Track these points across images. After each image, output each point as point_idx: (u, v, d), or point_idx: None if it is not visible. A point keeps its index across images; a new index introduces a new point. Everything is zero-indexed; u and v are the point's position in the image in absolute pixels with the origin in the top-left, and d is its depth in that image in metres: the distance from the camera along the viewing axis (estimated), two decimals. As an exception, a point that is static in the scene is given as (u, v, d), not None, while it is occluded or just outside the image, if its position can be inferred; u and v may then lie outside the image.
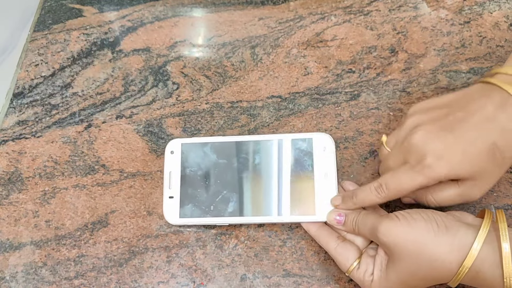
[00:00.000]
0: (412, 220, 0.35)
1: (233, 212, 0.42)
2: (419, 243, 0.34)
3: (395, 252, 0.35)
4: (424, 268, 0.34)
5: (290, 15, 0.59)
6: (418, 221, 0.35)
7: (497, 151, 0.35)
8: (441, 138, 0.36)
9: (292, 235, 0.43)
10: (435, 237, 0.34)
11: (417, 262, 0.34)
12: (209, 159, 0.45)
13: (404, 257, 0.34)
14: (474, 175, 0.36)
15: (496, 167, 0.36)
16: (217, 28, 0.59)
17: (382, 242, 0.35)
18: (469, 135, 0.35)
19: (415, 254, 0.34)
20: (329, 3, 0.59)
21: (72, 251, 0.43)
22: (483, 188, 0.37)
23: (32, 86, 0.56)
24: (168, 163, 0.45)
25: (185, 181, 0.44)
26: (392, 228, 0.35)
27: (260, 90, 0.53)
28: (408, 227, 0.35)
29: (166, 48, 0.58)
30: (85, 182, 0.47)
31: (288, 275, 0.41)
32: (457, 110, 0.37)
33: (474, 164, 0.35)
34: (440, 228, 0.34)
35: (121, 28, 0.61)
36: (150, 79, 0.55)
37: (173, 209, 0.43)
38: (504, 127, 0.35)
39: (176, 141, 0.46)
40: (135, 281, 0.41)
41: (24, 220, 0.45)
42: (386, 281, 0.36)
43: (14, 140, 0.51)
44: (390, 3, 0.58)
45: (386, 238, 0.35)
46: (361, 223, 0.38)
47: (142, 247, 0.43)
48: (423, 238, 0.34)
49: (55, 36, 0.60)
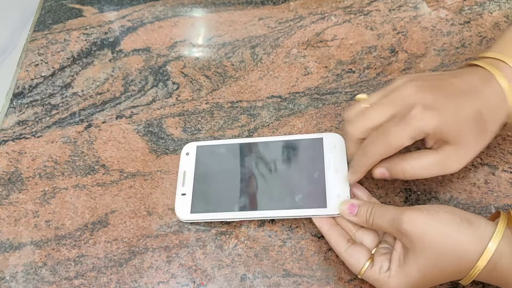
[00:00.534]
0: (435, 212, 0.35)
1: (244, 207, 0.42)
2: (443, 233, 0.34)
3: (419, 243, 0.34)
4: (446, 258, 0.34)
5: (290, 15, 0.59)
6: (441, 213, 0.35)
7: (481, 120, 0.36)
8: (432, 92, 0.36)
9: (292, 235, 0.43)
10: (458, 228, 0.34)
11: (440, 252, 0.34)
12: (222, 160, 0.46)
13: (427, 247, 0.34)
14: (457, 140, 0.36)
15: (478, 136, 0.37)
16: (217, 28, 0.59)
17: (406, 233, 0.35)
18: (458, 98, 0.36)
19: (438, 244, 0.34)
20: (329, 3, 0.59)
21: (72, 251, 0.43)
22: (462, 159, 0.37)
23: (32, 86, 0.56)
24: (183, 163, 0.46)
25: (198, 180, 0.45)
26: (417, 218, 0.35)
27: (260, 90, 0.53)
28: (432, 217, 0.35)
29: (166, 48, 0.58)
30: (85, 182, 0.47)
31: (288, 275, 0.41)
32: (447, 76, 0.38)
33: (460, 126, 0.36)
34: (463, 221, 0.34)
35: (121, 28, 0.61)
36: (150, 79, 0.55)
37: (185, 205, 0.43)
38: (487, 100, 0.36)
39: (192, 144, 0.47)
40: (135, 281, 0.41)
41: (24, 220, 0.45)
42: (405, 275, 0.35)
43: (14, 140, 0.51)
44: (390, 3, 0.58)
45: (411, 228, 0.35)
46: (379, 214, 0.38)
47: (142, 247, 0.43)
48: (446, 229, 0.34)
49: (55, 36, 0.60)
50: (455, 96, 0.36)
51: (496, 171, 0.45)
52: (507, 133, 0.48)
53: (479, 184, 0.45)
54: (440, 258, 0.34)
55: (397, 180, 0.46)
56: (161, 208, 0.45)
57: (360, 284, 0.40)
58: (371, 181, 0.45)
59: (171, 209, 0.45)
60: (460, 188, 0.45)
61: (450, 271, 0.35)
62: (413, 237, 0.35)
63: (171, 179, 0.47)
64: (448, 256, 0.34)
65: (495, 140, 0.48)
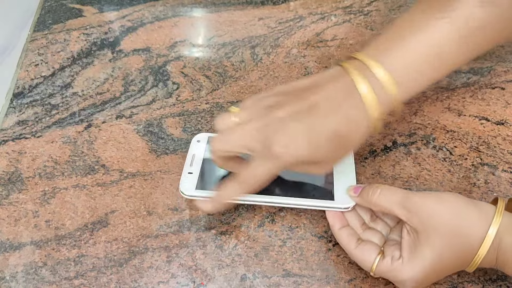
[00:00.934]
0: (441, 195, 0.37)
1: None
2: (452, 213, 0.35)
3: (430, 223, 0.35)
4: (457, 238, 0.35)
5: (290, 15, 0.59)
6: (448, 195, 0.37)
7: (340, 138, 0.38)
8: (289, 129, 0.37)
9: (292, 235, 0.43)
10: (465, 209, 0.36)
11: (451, 231, 0.35)
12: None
13: (439, 227, 0.35)
14: (317, 159, 0.38)
15: (339, 150, 0.39)
16: (217, 28, 0.59)
17: (416, 211, 0.36)
18: (315, 124, 0.37)
19: (449, 224, 0.35)
20: (329, 3, 0.59)
21: (72, 251, 0.43)
22: (326, 168, 0.40)
23: (32, 86, 0.56)
24: (193, 148, 0.47)
25: (207, 162, 0.46)
26: (426, 198, 0.36)
27: (260, 90, 0.53)
28: (440, 199, 0.36)
29: (166, 48, 0.58)
30: (85, 182, 0.47)
31: (288, 275, 0.41)
32: (310, 95, 0.39)
33: (317, 151, 0.38)
34: (468, 202, 0.36)
35: (121, 28, 0.61)
36: (150, 79, 0.55)
37: (191, 182, 0.44)
38: (347, 116, 0.37)
39: (203, 134, 0.48)
40: (135, 281, 0.41)
41: (24, 220, 0.45)
42: (419, 260, 0.36)
43: (14, 140, 0.51)
44: (390, 3, 0.58)
45: (421, 207, 0.36)
46: (386, 194, 0.38)
47: (142, 247, 0.43)
48: (455, 210, 0.36)
49: (55, 36, 0.60)
50: (313, 124, 0.37)
51: (496, 171, 0.45)
52: (507, 133, 0.48)
53: (479, 184, 0.45)
54: (451, 237, 0.35)
55: (397, 181, 0.46)
56: (161, 208, 0.45)
57: (360, 284, 0.40)
58: (371, 182, 0.45)
59: (171, 209, 0.45)
60: (460, 188, 0.45)
61: (460, 252, 0.35)
62: (424, 216, 0.36)
63: (171, 179, 0.47)
64: (458, 235, 0.35)
65: (495, 140, 0.48)
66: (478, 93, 0.52)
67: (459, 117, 0.50)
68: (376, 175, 0.46)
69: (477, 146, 0.47)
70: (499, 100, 0.51)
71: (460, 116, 0.50)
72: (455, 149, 0.47)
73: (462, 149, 0.47)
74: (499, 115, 0.50)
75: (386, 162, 0.47)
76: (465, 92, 0.52)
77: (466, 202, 0.36)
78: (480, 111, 0.50)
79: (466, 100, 0.51)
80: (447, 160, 0.47)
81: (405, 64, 0.38)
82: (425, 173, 0.46)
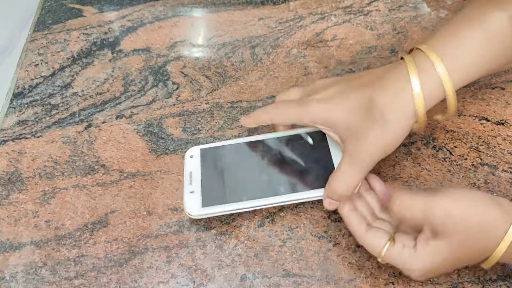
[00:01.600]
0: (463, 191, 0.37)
1: (256, 195, 0.43)
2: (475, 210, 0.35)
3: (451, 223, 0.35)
4: (477, 234, 0.34)
5: (290, 15, 0.59)
6: (469, 191, 0.37)
7: (374, 107, 0.37)
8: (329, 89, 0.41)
9: (292, 235, 0.43)
10: (489, 205, 0.35)
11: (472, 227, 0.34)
12: (227, 158, 0.46)
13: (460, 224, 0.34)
14: (350, 127, 0.39)
15: (374, 124, 0.38)
16: (217, 28, 0.59)
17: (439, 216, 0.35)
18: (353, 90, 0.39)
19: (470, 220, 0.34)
20: (329, 3, 0.59)
21: (72, 251, 0.43)
22: (367, 147, 0.38)
23: (32, 86, 0.56)
24: (188, 165, 0.46)
25: (206, 177, 0.45)
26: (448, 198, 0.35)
27: (260, 90, 0.53)
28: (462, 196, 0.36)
29: (166, 48, 0.58)
30: (85, 182, 0.47)
31: (288, 275, 0.41)
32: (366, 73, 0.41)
33: (349, 114, 0.39)
34: (486, 199, 0.35)
35: (121, 28, 0.61)
36: (150, 79, 0.55)
37: (195, 202, 0.43)
38: (384, 86, 0.38)
39: (195, 148, 0.47)
40: (135, 281, 0.41)
41: (24, 220, 0.45)
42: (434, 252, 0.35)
43: (14, 140, 0.51)
44: (390, 3, 0.58)
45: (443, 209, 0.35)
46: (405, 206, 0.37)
47: (142, 247, 0.43)
48: (479, 207, 0.35)
49: (55, 36, 0.60)
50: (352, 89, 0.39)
51: (496, 171, 0.45)
52: (507, 133, 0.48)
53: (479, 184, 0.45)
54: (472, 233, 0.34)
55: (397, 181, 0.46)
56: (161, 208, 0.45)
57: (360, 284, 0.40)
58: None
59: (171, 209, 0.45)
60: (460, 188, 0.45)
61: (478, 248, 0.35)
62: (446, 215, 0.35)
63: (171, 179, 0.47)
64: (480, 231, 0.34)
65: (495, 140, 0.48)
66: (478, 93, 0.52)
67: (459, 117, 0.50)
68: (376, 175, 0.46)
69: (477, 146, 0.47)
70: (499, 100, 0.51)
71: (460, 116, 0.50)
72: (455, 149, 0.47)
73: (462, 149, 0.47)
74: (499, 115, 0.50)
75: (386, 162, 0.47)
76: (465, 92, 0.52)
77: (490, 198, 0.35)
78: (480, 111, 0.50)
79: (466, 100, 0.51)
80: (447, 160, 0.47)
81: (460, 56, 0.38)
82: (425, 173, 0.46)
